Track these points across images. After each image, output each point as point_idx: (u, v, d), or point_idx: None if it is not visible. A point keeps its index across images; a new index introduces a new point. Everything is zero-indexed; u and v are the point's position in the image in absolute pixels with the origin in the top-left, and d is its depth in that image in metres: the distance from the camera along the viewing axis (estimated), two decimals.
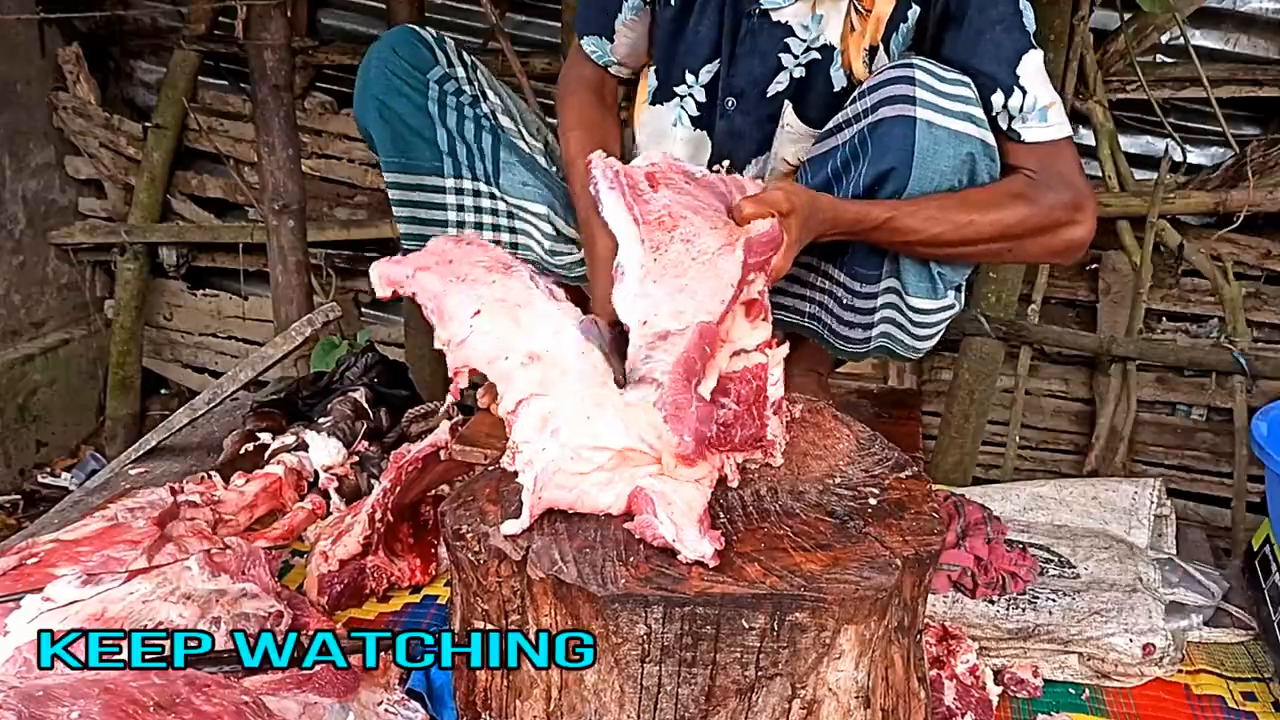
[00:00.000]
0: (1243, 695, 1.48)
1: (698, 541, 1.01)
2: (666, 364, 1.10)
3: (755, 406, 1.19)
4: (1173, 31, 2.52)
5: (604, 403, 1.10)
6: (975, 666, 1.42)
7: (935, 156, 1.41)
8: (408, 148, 1.66)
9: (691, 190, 1.30)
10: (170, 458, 2.10)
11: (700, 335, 1.12)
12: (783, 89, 1.63)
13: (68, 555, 1.49)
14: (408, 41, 1.66)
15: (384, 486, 1.63)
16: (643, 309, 1.17)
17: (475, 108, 1.70)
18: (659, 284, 1.20)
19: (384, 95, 1.64)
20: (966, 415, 2.65)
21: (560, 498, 1.07)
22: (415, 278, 1.29)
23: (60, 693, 1.04)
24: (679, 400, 1.06)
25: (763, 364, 1.22)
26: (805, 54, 1.60)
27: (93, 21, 3.20)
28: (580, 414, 1.10)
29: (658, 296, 1.18)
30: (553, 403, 1.11)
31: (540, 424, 1.10)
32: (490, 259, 1.30)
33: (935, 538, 1.06)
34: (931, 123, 1.41)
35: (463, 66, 1.73)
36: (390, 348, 3.14)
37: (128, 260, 3.23)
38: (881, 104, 1.44)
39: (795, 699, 1.00)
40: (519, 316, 1.18)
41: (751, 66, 1.63)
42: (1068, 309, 2.86)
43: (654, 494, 1.05)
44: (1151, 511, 1.85)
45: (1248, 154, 2.53)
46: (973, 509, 1.75)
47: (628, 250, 1.23)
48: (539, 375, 1.13)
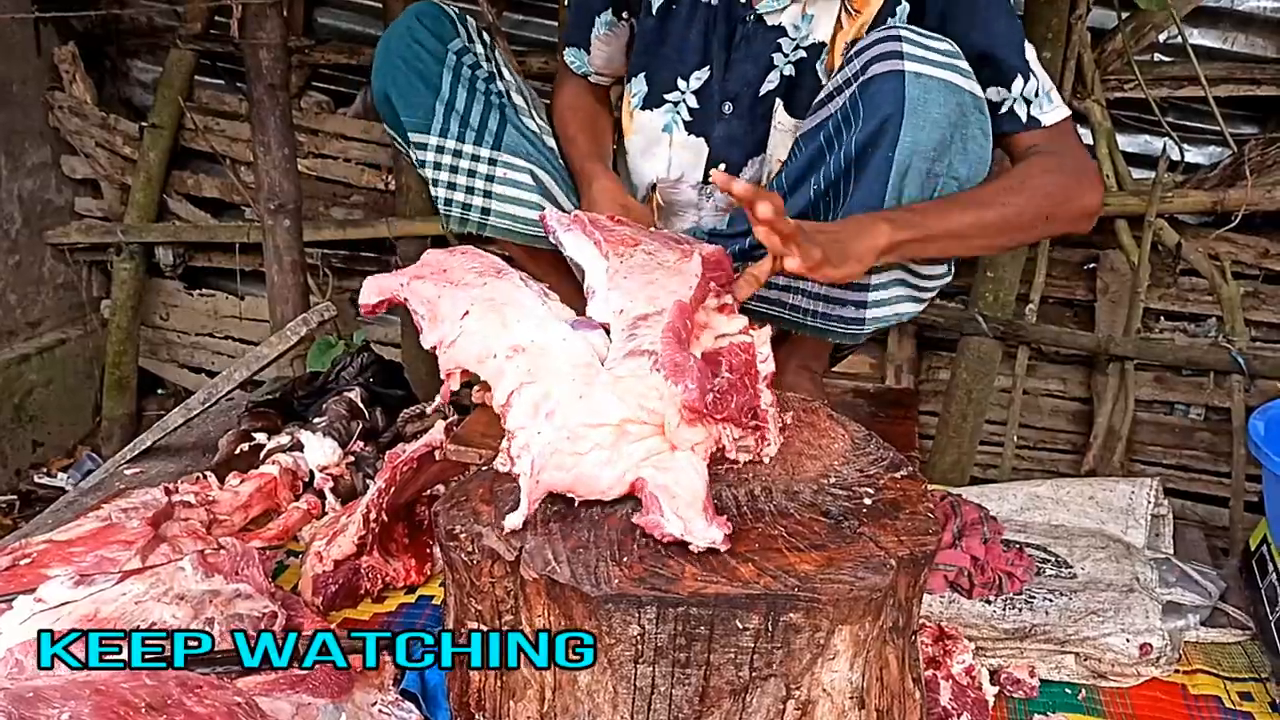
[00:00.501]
0: (1239, 695, 1.47)
1: (706, 530, 1.01)
2: (654, 335, 1.13)
3: (748, 377, 1.20)
4: (1170, 30, 2.52)
5: (595, 380, 1.11)
6: (971, 667, 1.42)
7: (926, 104, 1.40)
8: (413, 108, 1.68)
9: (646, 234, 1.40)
10: (165, 458, 2.10)
11: (680, 310, 1.16)
12: (774, 88, 1.64)
13: (61, 556, 1.49)
14: (433, 14, 1.69)
15: (379, 486, 1.63)
16: (616, 300, 1.21)
17: (490, 83, 1.72)
18: (629, 279, 1.25)
19: (402, 61, 1.67)
20: (964, 415, 2.65)
21: (559, 480, 1.07)
22: (410, 286, 1.30)
23: (51, 694, 1.04)
24: (676, 358, 1.08)
25: (748, 342, 1.24)
26: (794, 52, 1.62)
27: (89, 21, 3.19)
28: (573, 394, 1.10)
29: (630, 288, 1.22)
30: (544, 388, 1.11)
31: (533, 410, 1.10)
32: (483, 264, 1.32)
33: (930, 538, 1.06)
34: (919, 73, 1.40)
35: (482, 45, 1.76)
36: (387, 348, 3.14)
37: (124, 260, 3.22)
38: (870, 63, 1.44)
39: (790, 700, 0.99)
40: (506, 315, 1.19)
41: (745, 70, 1.65)
42: (1065, 308, 2.85)
43: (656, 488, 1.04)
44: (1148, 511, 1.85)
45: (1245, 153, 2.52)
46: (969, 509, 1.74)
47: (594, 266, 1.29)
48: (527, 364, 1.14)
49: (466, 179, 1.71)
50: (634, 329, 1.16)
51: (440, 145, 1.69)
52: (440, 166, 1.71)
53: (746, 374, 1.20)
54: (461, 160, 1.70)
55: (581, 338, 1.18)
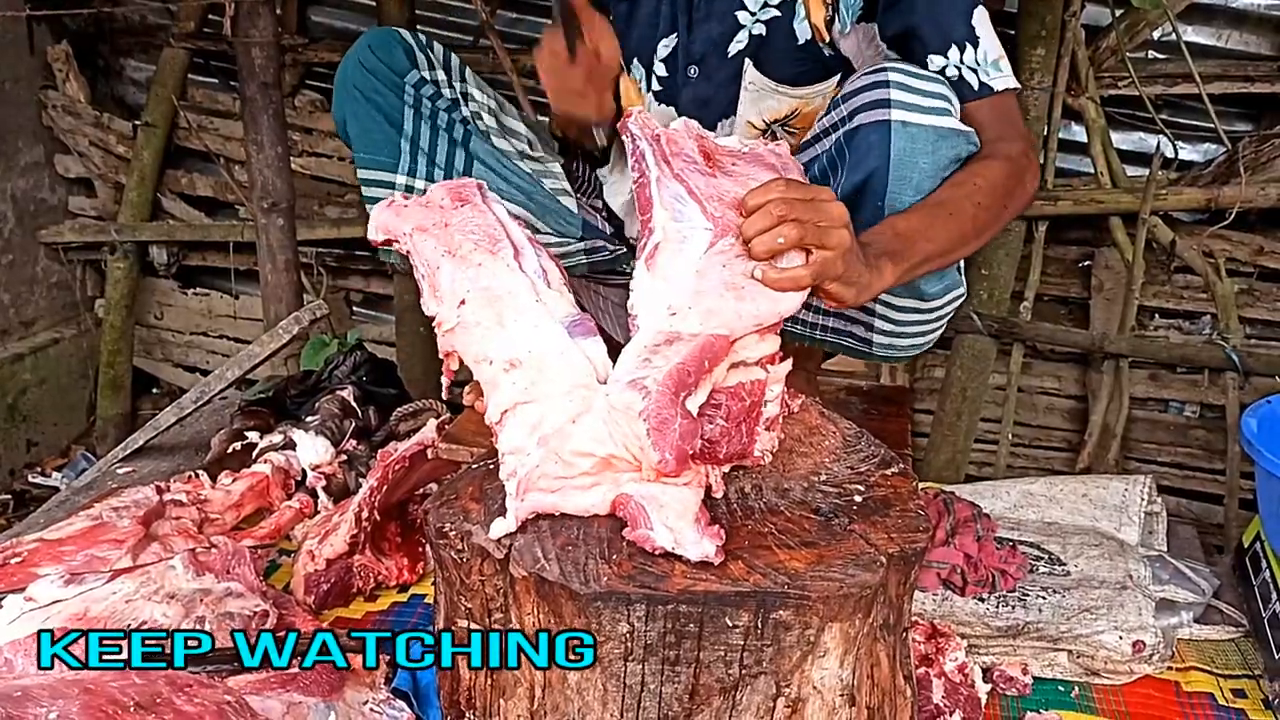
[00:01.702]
0: (1233, 692, 1.47)
1: (698, 542, 0.99)
2: (661, 372, 1.06)
3: (745, 424, 1.15)
4: (1164, 27, 2.52)
5: (590, 406, 1.08)
6: (964, 664, 1.42)
7: (913, 154, 1.39)
8: (373, 145, 1.67)
9: (742, 170, 1.24)
10: (158, 457, 2.09)
11: (702, 349, 1.07)
12: (743, 47, 1.63)
13: (51, 555, 1.49)
14: (385, 43, 1.67)
15: (371, 485, 1.63)
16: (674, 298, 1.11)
17: (452, 112, 1.71)
18: (707, 277, 1.12)
19: (359, 90, 1.65)
20: (959, 413, 2.65)
21: (543, 501, 1.06)
22: (412, 238, 1.25)
23: (39, 693, 1.04)
24: (664, 415, 1.02)
25: (760, 381, 1.16)
26: (763, 10, 1.60)
27: (82, 19, 3.19)
28: (566, 416, 1.08)
29: (702, 290, 1.11)
30: (539, 410, 1.10)
31: (528, 432, 1.09)
32: (482, 232, 1.25)
33: (920, 535, 1.06)
34: (907, 122, 1.39)
35: (445, 70, 1.73)
36: (380, 346, 3.14)
37: (118, 259, 3.22)
38: (857, 111, 1.44)
39: (780, 697, 0.99)
40: (502, 312, 1.17)
41: (709, 30, 1.64)
42: (1060, 306, 2.85)
43: (643, 499, 1.03)
44: (1142, 508, 1.85)
45: (1240, 150, 2.52)
46: (962, 506, 1.74)
47: (689, 219, 1.15)
48: (524, 381, 1.11)
49: None
50: (654, 352, 1.09)
51: (409, 185, 1.68)
52: None
53: (745, 420, 1.15)
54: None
55: (579, 349, 1.14)
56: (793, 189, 1.15)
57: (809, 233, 1.13)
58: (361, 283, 3.30)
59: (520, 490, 1.06)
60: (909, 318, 1.60)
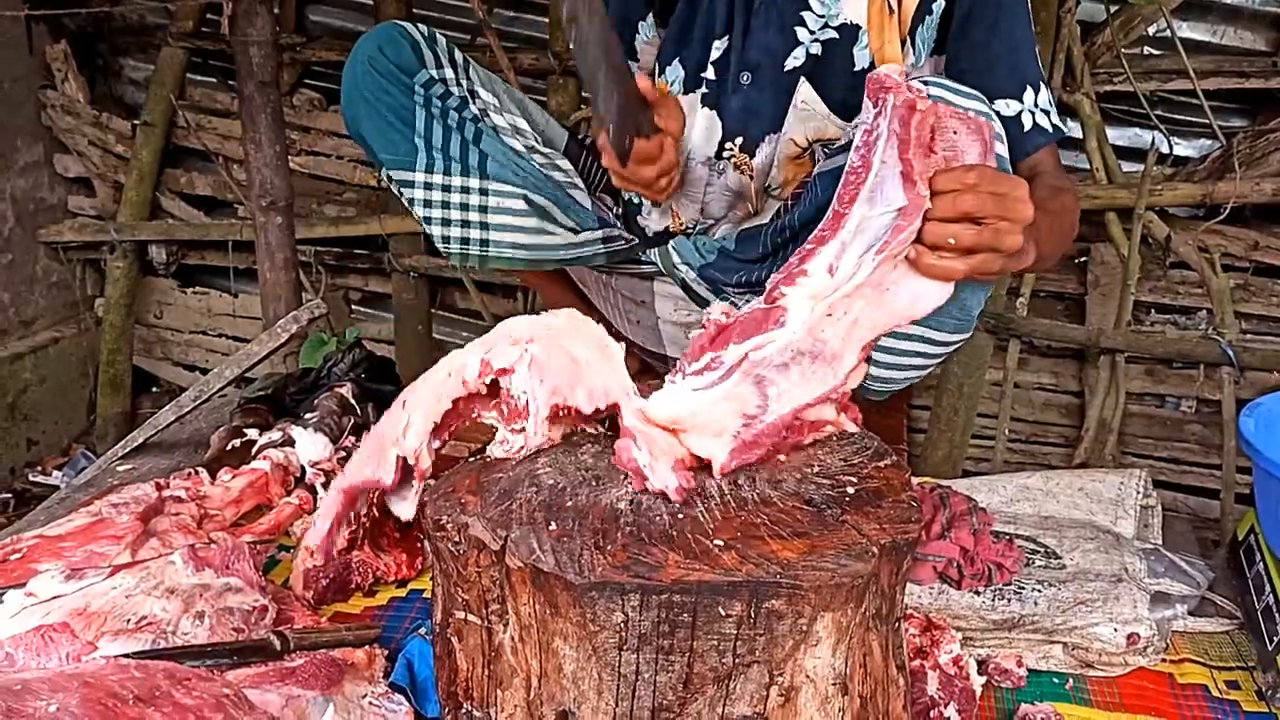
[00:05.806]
0: (1226, 684, 1.48)
1: (666, 474, 1.07)
2: (773, 415, 1.15)
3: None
4: (1159, 24, 2.53)
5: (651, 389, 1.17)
6: (959, 656, 1.42)
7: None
8: (390, 146, 1.66)
9: (960, 142, 1.18)
10: (158, 454, 2.10)
11: (774, 429, 1.16)
12: (799, 65, 1.60)
13: (51, 551, 1.49)
14: (393, 40, 1.63)
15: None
16: (801, 338, 1.16)
17: (463, 110, 1.69)
18: (862, 271, 1.13)
19: (369, 93, 1.63)
20: (956, 408, 2.66)
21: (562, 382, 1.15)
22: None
23: (39, 686, 1.04)
24: (745, 446, 1.14)
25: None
26: (822, 31, 1.57)
27: (80, 19, 3.20)
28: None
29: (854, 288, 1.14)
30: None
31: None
32: None
33: (913, 525, 1.06)
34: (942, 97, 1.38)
35: (452, 66, 1.70)
36: (379, 344, 3.14)
37: (117, 258, 3.23)
38: None
39: (773, 686, 1.00)
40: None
41: (767, 39, 1.60)
42: (1056, 302, 2.86)
43: (637, 431, 1.11)
44: (1137, 502, 1.85)
45: (1234, 145, 2.53)
46: (958, 500, 1.75)
47: (888, 199, 1.12)
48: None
49: (460, 212, 1.69)
50: (794, 360, 1.16)
51: (428, 182, 1.67)
52: (431, 204, 1.69)
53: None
54: (452, 194, 1.68)
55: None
56: (986, 180, 1.12)
57: (985, 238, 1.12)
58: (360, 281, 3.31)
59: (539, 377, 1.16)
60: (908, 360, 1.60)
